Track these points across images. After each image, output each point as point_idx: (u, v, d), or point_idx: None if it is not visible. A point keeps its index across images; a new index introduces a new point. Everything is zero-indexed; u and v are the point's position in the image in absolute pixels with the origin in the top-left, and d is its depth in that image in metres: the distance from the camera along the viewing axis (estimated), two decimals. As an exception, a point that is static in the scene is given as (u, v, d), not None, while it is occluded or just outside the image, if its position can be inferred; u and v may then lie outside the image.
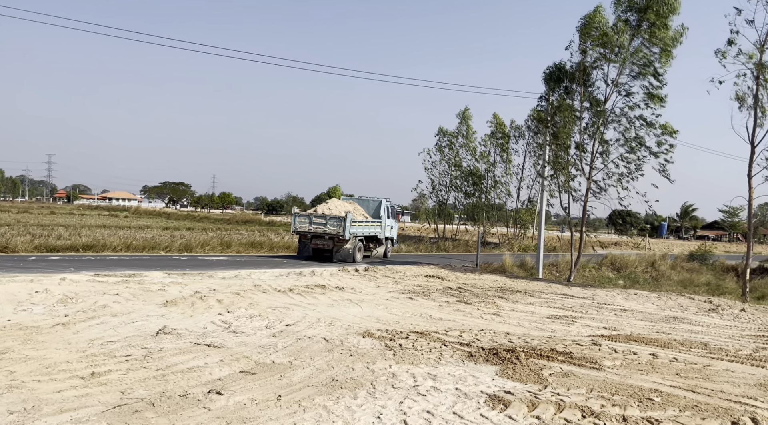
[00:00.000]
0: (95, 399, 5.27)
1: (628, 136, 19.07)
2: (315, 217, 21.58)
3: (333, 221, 21.06)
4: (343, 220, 20.80)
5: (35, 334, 7.62)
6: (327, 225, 21.16)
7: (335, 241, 21.27)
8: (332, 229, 21.04)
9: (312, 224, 21.52)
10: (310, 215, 21.95)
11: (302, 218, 21.88)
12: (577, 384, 6.55)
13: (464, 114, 42.29)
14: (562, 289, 17.07)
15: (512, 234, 43.58)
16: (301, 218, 21.88)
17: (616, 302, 14.76)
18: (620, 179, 19.32)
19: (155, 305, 10.21)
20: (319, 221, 21.36)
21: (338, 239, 21.09)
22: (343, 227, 20.82)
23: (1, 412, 4.83)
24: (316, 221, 21.44)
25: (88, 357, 6.65)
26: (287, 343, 7.93)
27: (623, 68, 18.71)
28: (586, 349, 8.43)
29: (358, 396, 5.75)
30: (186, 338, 7.88)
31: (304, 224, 21.72)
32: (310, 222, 21.57)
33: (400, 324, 9.96)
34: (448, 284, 16.30)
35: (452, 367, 7.07)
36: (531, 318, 11.35)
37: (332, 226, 21.06)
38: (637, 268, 25.14)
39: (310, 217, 21.73)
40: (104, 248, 21.19)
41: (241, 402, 5.39)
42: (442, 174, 43.14)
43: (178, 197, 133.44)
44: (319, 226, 21.36)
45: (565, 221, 61.67)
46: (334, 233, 21.01)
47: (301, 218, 21.84)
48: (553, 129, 20.41)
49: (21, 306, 9.42)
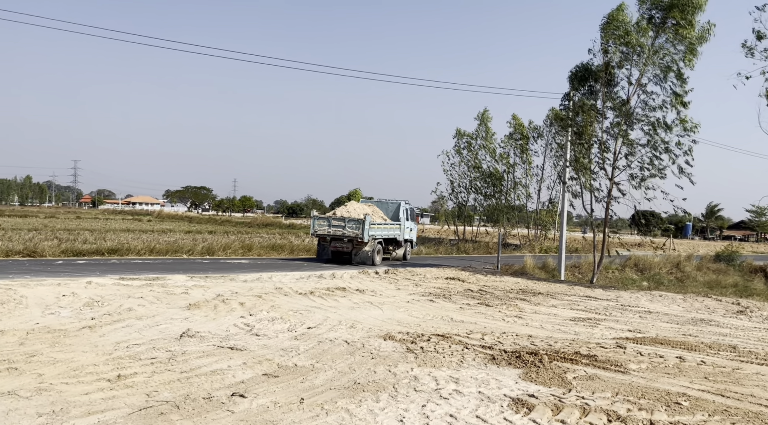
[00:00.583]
0: (121, 401, 5.35)
1: (650, 138, 18.74)
2: (334, 220, 21.53)
3: (352, 224, 20.99)
4: (362, 222, 20.77)
5: (63, 337, 7.76)
6: (346, 228, 21.09)
7: (354, 244, 21.23)
8: (351, 232, 20.98)
9: (331, 226, 21.45)
10: (328, 217, 21.92)
11: (321, 221, 21.84)
12: (602, 387, 6.45)
13: (483, 115, 42.13)
14: (585, 291, 16.86)
15: (533, 236, 43.23)
16: (320, 221, 21.85)
17: (641, 304, 14.53)
18: (643, 180, 19.00)
19: (179, 309, 10.33)
20: (338, 223, 21.28)
21: (357, 241, 21.06)
22: (361, 229, 20.78)
23: (30, 414, 4.92)
24: (334, 223, 21.38)
25: (114, 359, 6.75)
26: (309, 346, 7.95)
27: (646, 68, 18.39)
28: (611, 352, 8.31)
29: (381, 399, 5.74)
30: (209, 341, 7.96)
31: (323, 227, 21.66)
32: (329, 225, 21.52)
33: (421, 326, 9.93)
34: (469, 287, 16.21)
35: (474, 370, 7.02)
36: (554, 321, 11.23)
37: (351, 229, 21.00)
38: (662, 269, 24.72)
39: (329, 220, 21.69)
40: (128, 252, 21.54)
41: (264, 405, 5.42)
42: (462, 176, 43.01)
43: (200, 201, 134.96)
44: (338, 229, 21.30)
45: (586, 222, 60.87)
46: (353, 236, 20.96)
47: (320, 221, 21.82)
48: (576, 128, 20.17)
49: (49, 310, 9.61)
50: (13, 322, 8.55)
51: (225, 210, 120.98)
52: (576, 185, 20.93)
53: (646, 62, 18.19)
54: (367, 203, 24.09)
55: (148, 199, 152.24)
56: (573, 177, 20.94)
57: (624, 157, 19.30)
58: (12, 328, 8.12)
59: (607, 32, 18.70)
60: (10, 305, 9.73)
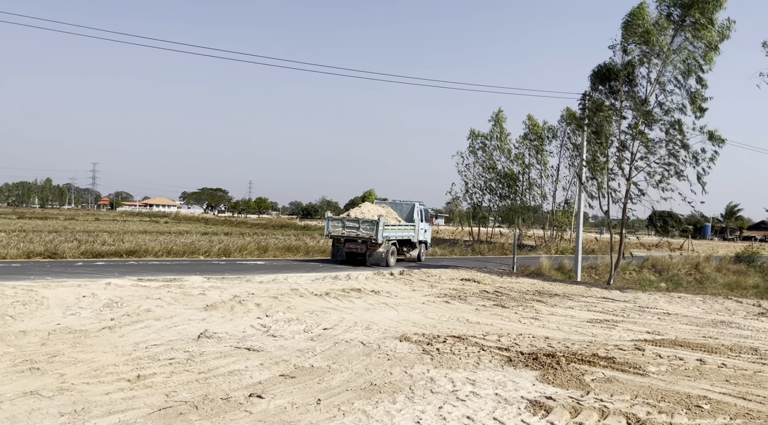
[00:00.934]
0: (141, 401, 5.41)
1: (669, 138, 18.51)
2: (348, 221, 21.49)
3: (366, 225, 20.97)
4: (376, 224, 20.73)
5: (83, 338, 7.87)
6: (360, 229, 21.08)
7: (368, 245, 21.18)
8: (365, 233, 20.96)
9: (345, 228, 21.44)
10: (342, 219, 21.87)
11: (335, 222, 21.81)
12: (621, 390, 6.39)
13: (498, 116, 41.98)
14: (602, 292, 16.71)
15: (549, 237, 42.95)
16: (334, 222, 21.82)
17: (659, 305, 14.36)
18: (660, 181, 18.77)
19: (196, 310, 10.43)
20: (352, 225, 21.27)
21: (371, 242, 21.02)
22: (375, 230, 20.74)
23: (53, 414, 5.00)
24: (349, 225, 21.36)
25: (133, 360, 6.83)
26: (325, 347, 7.98)
27: (665, 67, 18.16)
28: (629, 354, 8.22)
29: (397, 400, 5.74)
30: (226, 342, 8.02)
31: (337, 228, 21.65)
32: (343, 226, 21.50)
33: (436, 327, 9.91)
34: (484, 288, 16.15)
35: (491, 372, 7.00)
36: (571, 322, 11.14)
37: (365, 230, 20.98)
38: (680, 270, 24.37)
39: (343, 221, 21.65)
40: (146, 253, 21.78)
41: (282, 406, 5.45)
42: (476, 177, 42.88)
43: (216, 202, 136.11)
44: (352, 230, 21.29)
45: (603, 222, 60.21)
46: (366, 237, 20.94)
47: (334, 223, 21.78)
48: (594, 127, 19.99)
49: (69, 310, 9.75)
50: (35, 323, 8.70)
51: (240, 212, 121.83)
52: (592, 186, 20.76)
53: (665, 62, 17.97)
54: (381, 205, 24.06)
55: (164, 201, 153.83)
56: (589, 177, 20.77)
57: (642, 158, 19.08)
58: (34, 328, 8.26)
59: (628, 31, 18.50)
60: (32, 306, 9.90)
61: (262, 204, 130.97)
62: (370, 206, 23.26)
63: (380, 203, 24.60)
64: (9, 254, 18.97)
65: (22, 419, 4.86)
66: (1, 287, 11.81)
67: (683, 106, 18.18)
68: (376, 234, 20.73)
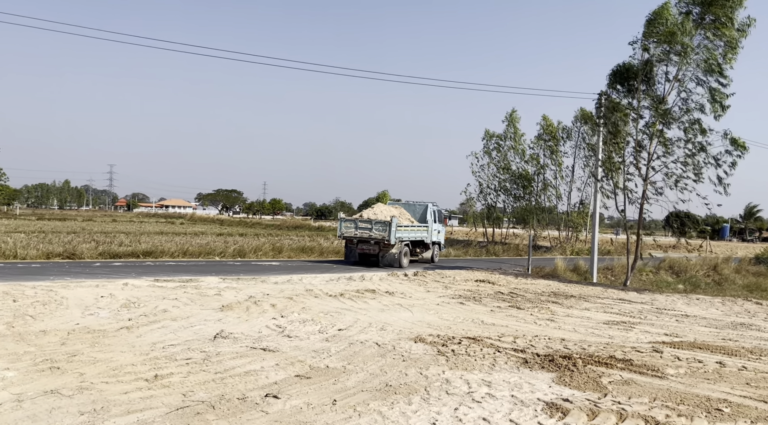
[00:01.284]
0: (159, 401, 5.46)
1: (688, 138, 18.28)
2: (360, 222, 21.44)
3: (378, 226, 20.92)
4: (389, 225, 20.65)
5: (102, 337, 7.97)
6: (372, 230, 21.03)
7: (381, 246, 21.14)
8: (378, 234, 20.90)
9: (357, 229, 21.41)
10: (355, 220, 21.80)
11: (348, 223, 21.77)
12: (639, 392, 6.32)
13: (511, 116, 41.79)
14: (619, 294, 16.55)
15: (564, 238, 42.62)
16: (347, 223, 21.78)
17: (677, 307, 14.19)
18: (678, 181, 18.55)
19: (212, 310, 10.50)
20: (365, 226, 21.24)
21: (384, 244, 20.97)
22: (388, 231, 20.68)
23: (73, 413, 5.07)
24: (361, 226, 21.33)
25: (151, 360, 6.90)
26: (340, 348, 7.99)
27: (685, 65, 17.93)
28: (647, 356, 8.13)
29: (413, 401, 5.73)
30: (242, 342, 8.07)
31: (349, 229, 21.61)
32: (355, 227, 21.46)
33: (451, 329, 9.88)
34: (499, 289, 16.07)
35: (507, 374, 6.96)
36: (587, 324, 11.05)
37: (378, 231, 20.92)
38: (698, 272, 24.05)
39: (356, 222, 21.59)
40: (162, 254, 21.99)
41: (298, 406, 5.47)
42: (491, 177, 42.71)
43: (231, 203, 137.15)
44: (364, 231, 21.26)
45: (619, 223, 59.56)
46: (379, 238, 20.89)
47: (347, 224, 21.74)
48: (611, 127, 19.81)
49: (88, 310, 9.88)
50: (55, 322, 8.82)
51: (255, 213, 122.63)
52: (608, 186, 20.57)
53: (685, 60, 17.74)
54: (395, 206, 23.91)
55: (180, 202, 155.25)
56: (605, 177, 20.58)
57: (658, 158, 18.87)
58: (54, 328, 8.37)
59: (650, 29, 18.33)
60: (52, 306, 10.04)
61: (276, 205, 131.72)
62: (383, 206, 23.21)
63: (393, 204, 24.44)
64: (29, 254, 19.26)
65: (43, 417, 4.93)
66: (22, 287, 11.99)
67: (702, 105, 17.95)
68: (388, 235, 20.69)
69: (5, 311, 9.44)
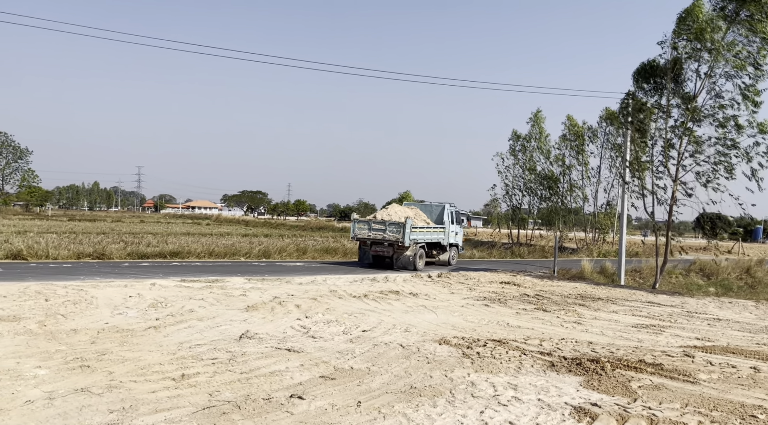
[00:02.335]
0: (186, 400, 5.52)
1: (719, 135, 17.83)
2: (374, 223, 20.88)
3: (392, 228, 20.36)
4: (403, 226, 20.08)
5: (130, 337, 8.09)
6: (386, 232, 20.45)
7: (395, 248, 20.54)
8: (391, 235, 20.33)
9: (371, 230, 20.86)
10: (369, 221, 21.23)
11: (361, 224, 21.23)
12: (670, 398, 6.17)
13: (536, 116, 41.35)
14: (647, 296, 16.22)
15: (590, 239, 41.99)
16: (360, 224, 21.24)
17: (709, 310, 13.84)
18: (709, 181, 18.09)
19: (237, 310, 10.59)
20: (378, 227, 20.68)
21: (398, 245, 20.37)
22: (402, 233, 20.09)
23: (102, 411, 5.15)
24: (375, 227, 20.77)
25: (177, 359, 6.98)
26: (364, 349, 7.98)
27: (717, 62, 17.51)
28: (678, 361, 7.94)
29: (438, 404, 5.69)
30: (267, 342, 8.12)
31: (363, 230, 21.08)
32: (369, 229, 20.92)
33: (476, 331, 9.79)
34: (524, 291, 15.90)
35: (533, 377, 6.86)
36: (615, 327, 10.85)
37: (391, 232, 20.36)
38: (730, 274, 23.47)
39: (369, 223, 21.03)
40: (189, 254, 22.29)
41: (322, 407, 5.47)
42: (516, 178, 42.33)
43: (256, 204, 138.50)
44: (378, 232, 20.69)
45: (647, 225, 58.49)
46: (393, 240, 20.30)
47: (360, 225, 21.21)
48: (637, 126, 19.45)
49: (117, 310, 10.06)
50: (85, 321, 8.99)
51: (280, 214, 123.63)
52: (637, 186, 20.18)
53: (716, 58, 17.33)
54: (410, 206, 23.26)
55: (206, 203, 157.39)
56: (633, 178, 20.20)
57: (690, 156, 18.43)
58: (84, 327, 8.54)
59: (680, 28, 17.97)
60: (82, 306, 10.24)
61: (300, 206, 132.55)
62: (398, 207, 22.53)
63: (409, 205, 23.69)
64: (60, 255, 19.71)
65: (74, 415, 5.02)
66: (54, 287, 12.27)
67: (736, 101, 17.50)
68: (402, 237, 20.07)
69: (38, 310, 9.67)
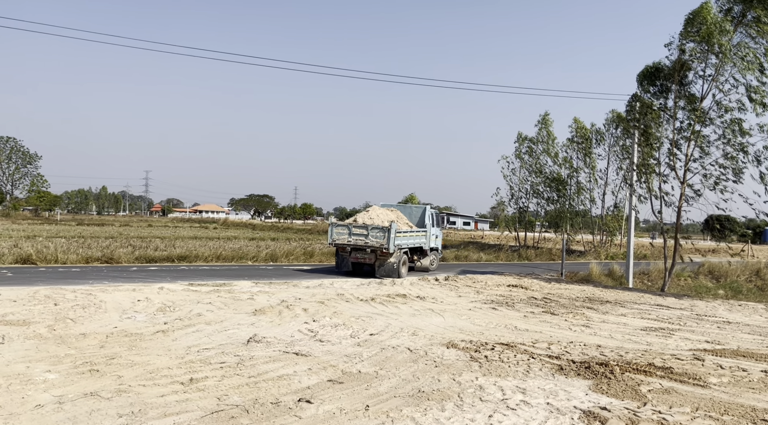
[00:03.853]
0: (194, 404, 5.53)
1: (725, 139, 17.72)
2: (355, 227, 19.09)
3: (375, 232, 18.64)
4: (387, 231, 18.41)
5: (139, 341, 8.13)
6: (369, 237, 18.69)
7: (377, 254, 18.82)
8: (374, 241, 18.61)
9: (351, 235, 19.03)
10: (348, 225, 19.40)
11: (340, 228, 19.40)
12: (680, 401, 6.13)
13: (544, 119, 41.28)
14: (656, 299, 16.12)
15: (598, 242, 41.81)
16: (339, 228, 19.40)
17: (718, 313, 13.75)
18: (717, 183, 17.97)
19: (245, 314, 10.61)
20: (360, 232, 18.90)
21: (381, 252, 18.65)
22: (387, 238, 18.39)
23: (112, 415, 5.17)
24: (356, 232, 18.98)
25: (186, 363, 7.00)
26: (372, 353, 7.98)
27: (724, 65, 17.42)
28: (688, 364, 7.88)
29: (446, 408, 5.67)
30: (275, 346, 8.13)
31: (342, 235, 19.22)
32: (349, 233, 19.09)
33: (484, 334, 9.77)
34: (532, 294, 15.84)
35: (542, 380, 6.83)
36: (623, 330, 10.79)
37: (375, 238, 18.62)
38: (740, 277, 23.29)
39: (349, 227, 19.22)
40: (196, 258, 22.36)
41: (330, 411, 5.47)
42: (522, 181, 42.23)
43: (263, 208, 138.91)
44: (359, 237, 18.89)
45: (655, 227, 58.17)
46: (377, 246, 18.56)
47: (339, 229, 19.36)
48: (642, 129, 19.38)
49: (126, 314, 10.10)
50: (94, 326, 9.04)
51: (286, 217, 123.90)
52: (643, 189, 20.08)
53: (723, 60, 17.25)
54: (390, 209, 21.29)
55: (213, 207, 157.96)
56: (640, 180, 20.11)
57: (696, 159, 18.34)
58: (93, 331, 8.58)
59: (687, 30, 17.92)
60: (91, 310, 10.30)
61: (307, 210, 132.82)
62: (379, 210, 20.60)
63: (389, 207, 21.58)
64: (69, 259, 19.83)
65: (83, 419, 5.04)
66: (63, 291, 12.34)
67: (742, 103, 17.40)
68: (387, 242, 18.39)
69: (47, 314, 9.72)
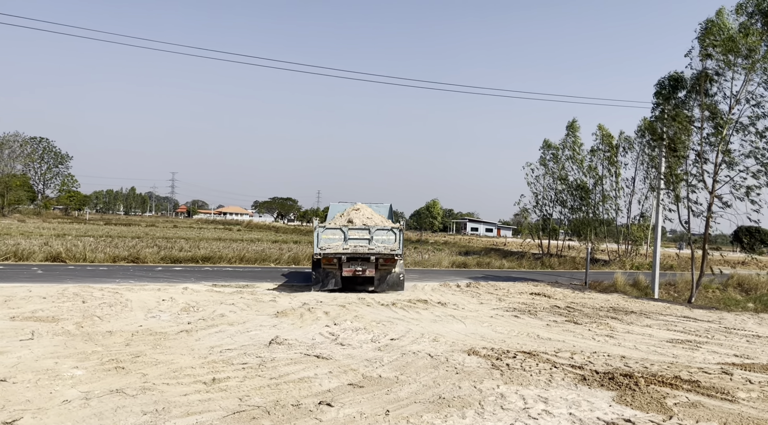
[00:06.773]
0: (216, 404, 5.59)
1: (755, 147, 17.34)
2: (353, 230, 14.88)
3: (381, 235, 14.88)
4: (399, 232, 14.95)
5: (163, 340, 8.25)
6: (373, 241, 14.79)
7: (380, 264, 14.94)
8: (381, 245, 14.81)
9: (348, 240, 14.75)
10: (342, 227, 14.91)
11: (332, 233, 14.80)
12: (707, 416, 5.99)
13: (572, 125, 40.85)
14: (683, 311, 15.79)
15: (623, 251, 41.14)
16: (330, 232, 14.79)
17: (747, 327, 13.40)
18: (748, 193, 17.58)
19: (267, 316, 10.70)
20: (360, 235, 14.83)
21: (385, 260, 14.91)
22: (398, 241, 14.90)
23: (136, 412, 5.26)
24: (354, 236, 14.79)
25: (209, 363, 7.09)
26: (392, 358, 7.97)
27: (752, 74, 17.08)
28: (716, 378, 7.70)
29: (467, 415, 5.64)
30: (296, 348, 8.17)
31: (335, 242, 14.73)
32: (344, 239, 14.75)
33: (506, 342, 9.69)
34: (555, 303, 15.66)
35: (564, 390, 6.74)
36: (649, 342, 10.59)
37: (381, 241, 14.84)
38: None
39: (344, 231, 14.82)
40: (220, 259, 22.63)
41: (351, 415, 5.47)
42: (546, 188, 41.83)
43: (286, 211, 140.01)
44: (359, 242, 14.80)
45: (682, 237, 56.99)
46: (385, 253, 14.73)
47: (330, 234, 14.77)
48: (668, 140, 19.09)
49: (150, 313, 10.27)
50: (120, 324, 9.21)
51: (309, 221, 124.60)
52: (671, 199, 19.74)
53: (751, 68, 16.90)
54: (366, 205, 17.39)
55: (237, 209, 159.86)
56: (667, 190, 19.77)
57: (726, 167, 17.96)
58: (119, 329, 8.74)
59: (705, 39, 17.61)
60: (117, 308, 10.49)
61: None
62: (367, 209, 16.72)
63: (354, 204, 17.27)
64: (97, 258, 20.24)
65: (109, 416, 5.13)
66: (90, 289, 12.61)
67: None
68: (399, 247, 14.89)
69: (75, 311, 9.94)
